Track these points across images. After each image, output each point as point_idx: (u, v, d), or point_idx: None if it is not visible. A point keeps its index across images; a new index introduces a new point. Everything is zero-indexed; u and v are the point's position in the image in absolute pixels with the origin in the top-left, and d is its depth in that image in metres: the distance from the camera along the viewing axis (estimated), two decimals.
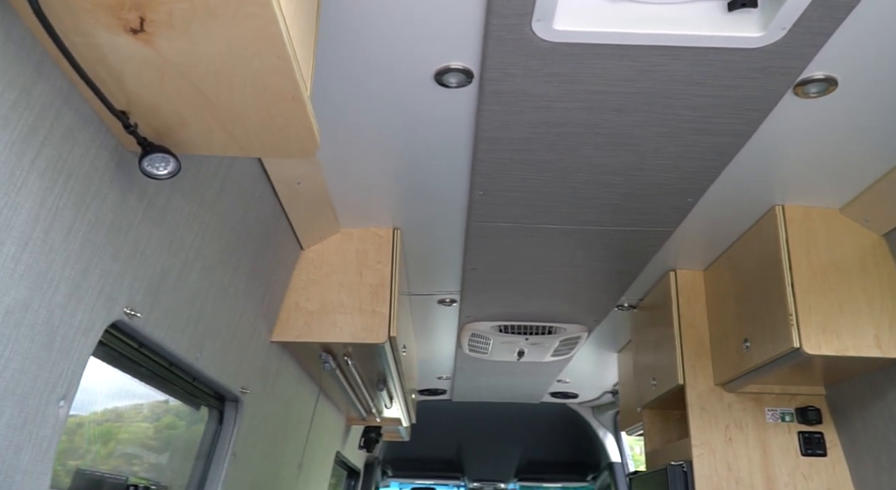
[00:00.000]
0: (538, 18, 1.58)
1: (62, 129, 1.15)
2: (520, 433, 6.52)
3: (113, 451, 1.95)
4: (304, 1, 1.18)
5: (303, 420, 3.34)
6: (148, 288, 1.57)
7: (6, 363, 1.13)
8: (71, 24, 1.01)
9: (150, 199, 1.50)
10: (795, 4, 1.50)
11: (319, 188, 2.34)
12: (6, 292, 1.10)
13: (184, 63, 1.10)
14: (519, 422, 6.41)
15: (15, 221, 1.09)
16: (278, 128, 1.27)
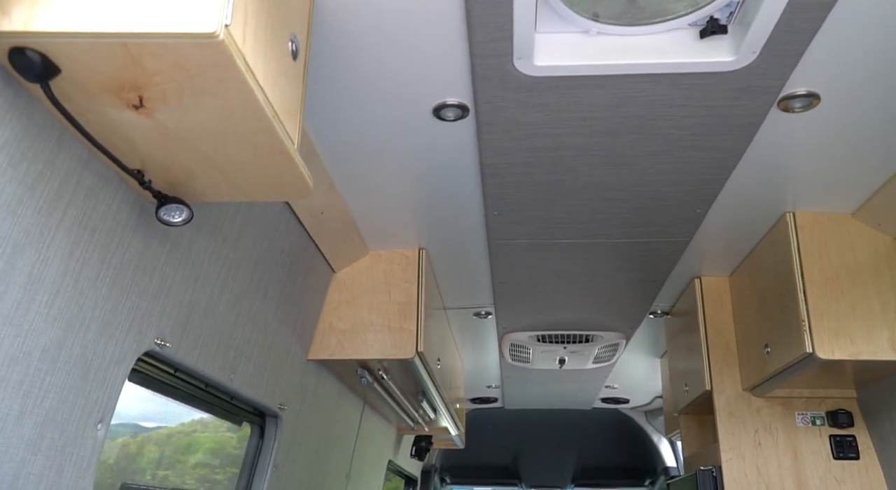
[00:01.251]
0: (518, 57, 1.69)
1: (84, 191, 1.33)
2: (574, 439, 6.57)
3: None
4: (285, 64, 1.32)
5: (348, 431, 3.51)
6: (177, 320, 1.75)
7: (45, 394, 1.31)
8: (82, 105, 1.19)
9: (173, 242, 1.68)
10: (761, 30, 1.57)
11: (343, 216, 2.50)
12: (42, 334, 1.28)
13: (182, 129, 1.26)
14: (573, 428, 6.46)
15: (46, 274, 1.27)
16: (273, 177, 1.42)
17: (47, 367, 1.31)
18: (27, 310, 1.24)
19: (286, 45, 1.33)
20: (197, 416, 2.44)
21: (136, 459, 2.21)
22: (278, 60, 1.28)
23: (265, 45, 1.21)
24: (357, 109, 1.93)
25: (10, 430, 1.24)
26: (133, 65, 1.08)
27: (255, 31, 1.16)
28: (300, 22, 1.42)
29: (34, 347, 1.27)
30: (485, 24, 1.58)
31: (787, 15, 1.52)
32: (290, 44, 1.35)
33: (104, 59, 1.07)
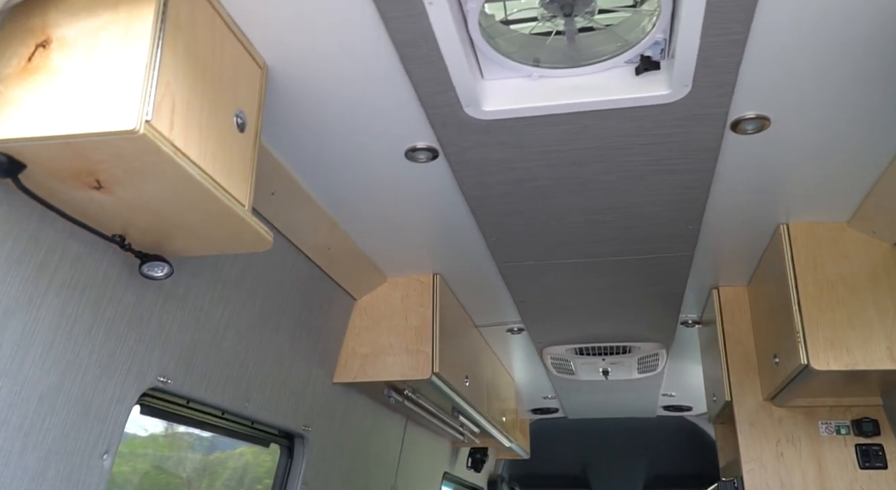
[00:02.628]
0: (466, 105, 1.82)
1: (71, 258, 1.56)
2: (643, 448, 6.54)
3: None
4: (229, 138, 1.51)
5: (390, 447, 3.68)
6: (179, 358, 1.97)
7: (47, 432, 1.54)
8: (53, 189, 1.40)
9: (168, 290, 1.89)
10: (685, 66, 1.65)
11: (352, 250, 2.68)
12: (38, 381, 1.51)
13: (142, 201, 1.46)
14: (640, 436, 6.44)
15: (38, 331, 1.49)
16: (233, 234, 1.61)
17: (46, 409, 1.53)
18: (22, 362, 1.46)
19: (231, 120, 1.52)
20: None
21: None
22: (219, 136, 1.47)
23: (200, 127, 1.40)
24: (339, 158, 2.10)
25: (14, 464, 1.47)
26: (80, 157, 1.29)
27: (185, 116, 1.35)
28: (249, 98, 1.60)
29: (32, 393, 1.49)
30: (425, 81, 1.72)
31: (703, 52, 1.59)
32: (235, 118, 1.53)
33: (56, 154, 1.28)
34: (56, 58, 1.27)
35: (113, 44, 1.26)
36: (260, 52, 1.65)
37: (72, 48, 1.27)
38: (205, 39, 1.44)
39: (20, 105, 1.25)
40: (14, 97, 1.26)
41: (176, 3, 1.35)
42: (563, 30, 1.74)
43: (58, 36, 1.29)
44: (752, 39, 1.59)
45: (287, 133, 1.97)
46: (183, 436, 2.72)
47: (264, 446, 2.70)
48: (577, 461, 6.80)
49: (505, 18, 1.80)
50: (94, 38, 1.27)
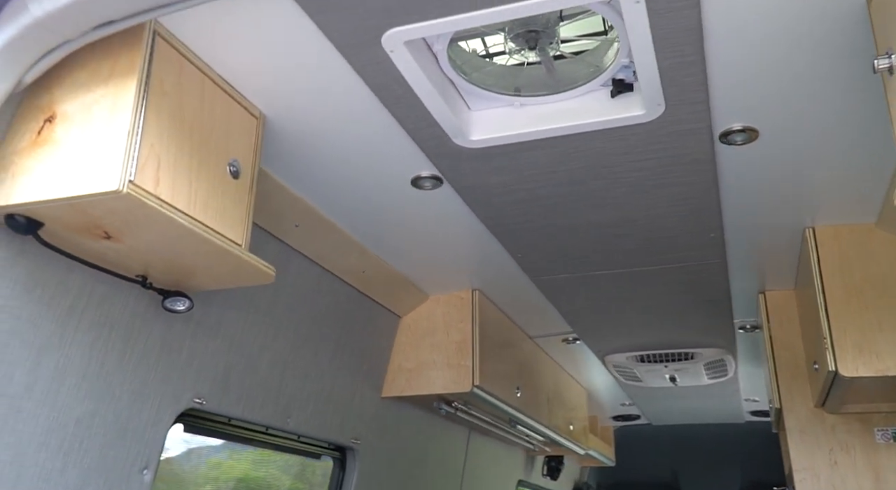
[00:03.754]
0: (454, 136, 1.93)
1: (98, 298, 1.77)
2: (736, 454, 6.35)
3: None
4: (222, 186, 1.67)
5: (453, 456, 3.80)
6: (214, 381, 2.16)
7: (85, 452, 1.75)
8: (72, 241, 1.61)
9: (198, 320, 2.09)
10: (652, 86, 1.69)
11: (387, 272, 2.82)
12: (74, 408, 1.72)
13: (148, 247, 1.65)
14: (731, 442, 6.26)
15: (71, 364, 1.71)
16: (236, 270, 1.78)
17: (83, 432, 1.75)
18: (57, 392, 1.68)
19: (224, 169, 1.69)
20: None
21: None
22: (211, 185, 1.64)
23: (189, 179, 1.57)
24: (352, 190, 2.24)
25: (55, 481, 1.68)
26: (84, 214, 1.48)
27: (173, 172, 1.52)
28: (244, 146, 1.77)
29: (69, 419, 1.71)
30: (408, 117, 1.84)
31: (665, 74, 1.63)
32: (228, 167, 1.70)
33: (64, 213, 1.48)
34: (59, 130, 1.48)
35: (103, 115, 1.46)
36: (255, 104, 1.82)
37: (71, 121, 1.48)
38: (192, 101, 1.61)
39: (32, 173, 1.46)
40: (27, 166, 1.47)
41: (160, 74, 1.53)
42: (535, 61, 1.82)
43: (61, 111, 1.50)
44: (714, 58, 1.61)
45: (299, 171, 2.13)
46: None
47: (315, 459, 2.88)
48: (666, 468, 6.67)
49: (486, 51, 1.90)
50: (89, 111, 1.47)
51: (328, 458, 2.93)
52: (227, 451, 2.91)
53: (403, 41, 1.56)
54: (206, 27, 1.57)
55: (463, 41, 1.84)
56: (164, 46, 1.55)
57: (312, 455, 2.85)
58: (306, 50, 1.62)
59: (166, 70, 1.55)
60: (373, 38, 1.55)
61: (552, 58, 1.83)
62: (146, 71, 1.49)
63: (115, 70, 1.49)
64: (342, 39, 1.56)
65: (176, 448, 3.06)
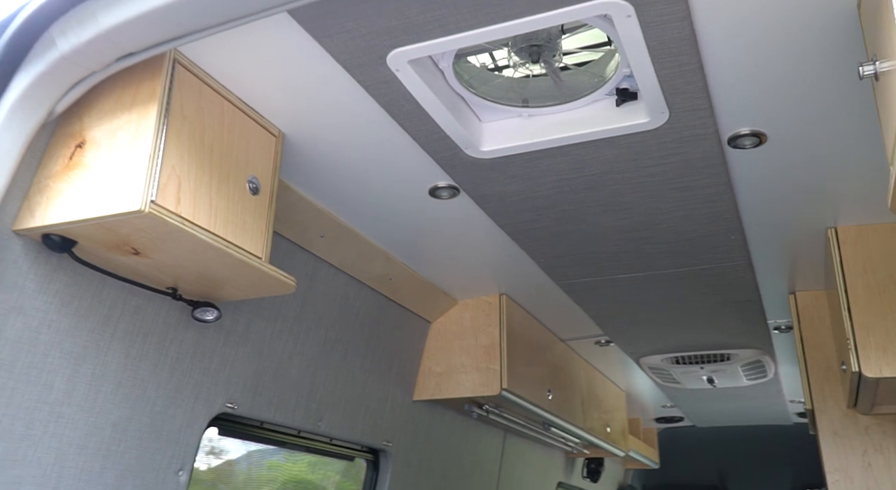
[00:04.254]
0: (465, 147, 1.99)
1: (132, 309, 1.88)
2: (784, 456, 6.25)
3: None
4: (241, 202, 1.77)
5: (488, 459, 3.85)
6: (245, 386, 2.27)
7: (122, 455, 1.87)
8: (104, 258, 1.73)
9: (228, 328, 2.19)
10: (654, 95, 1.73)
11: (414, 278, 2.90)
12: (111, 413, 1.84)
13: (174, 261, 1.76)
14: (780, 444, 6.17)
15: (107, 372, 1.82)
16: (258, 281, 1.87)
17: (120, 435, 1.86)
18: (95, 399, 1.80)
19: (243, 186, 1.78)
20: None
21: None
22: (231, 201, 1.73)
23: (210, 197, 1.67)
24: (373, 200, 2.32)
25: (95, 482, 1.80)
26: (112, 232, 1.59)
27: (193, 191, 1.62)
28: (263, 164, 1.87)
29: (106, 423, 1.83)
30: (419, 131, 1.91)
31: (665, 82, 1.67)
32: (248, 184, 1.80)
33: (95, 232, 1.59)
34: (88, 155, 1.59)
35: (127, 140, 1.56)
36: (273, 122, 1.91)
37: (98, 146, 1.59)
38: (212, 123, 1.71)
39: (64, 195, 1.58)
40: (60, 189, 1.59)
41: (180, 99, 1.63)
42: (540, 73, 1.87)
43: (90, 137, 1.61)
44: (712, 66, 1.64)
45: (321, 183, 2.22)
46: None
47: (349, 461, 2.96)
48: (712, 470, 6.60)
49: (495, 65, 1.95)
50: (114, 136, 1.58)
51: (362, 461, 3.02)
52: (284, 454, 3.03)
53: (407, 61, 1.63)
54: (224, 53, 1.67)
55: (473, 56, 1.91)
56: (184, 73, 1.65)
57: (346, 457, 2.94)
58: (318, 71, 1.70)
59: (186, 95, 1.65)
60: (378, 58, 1.62)
61: (558, 69, 1.88)
62: (166, 97, 1.59)
63: (138, 97, 1.59)
64: (349, 61, 1.64)
65: (236, 450, 3.21)
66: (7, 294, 1.58)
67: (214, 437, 2.98)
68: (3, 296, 1.57)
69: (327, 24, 1.53)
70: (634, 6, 1.45)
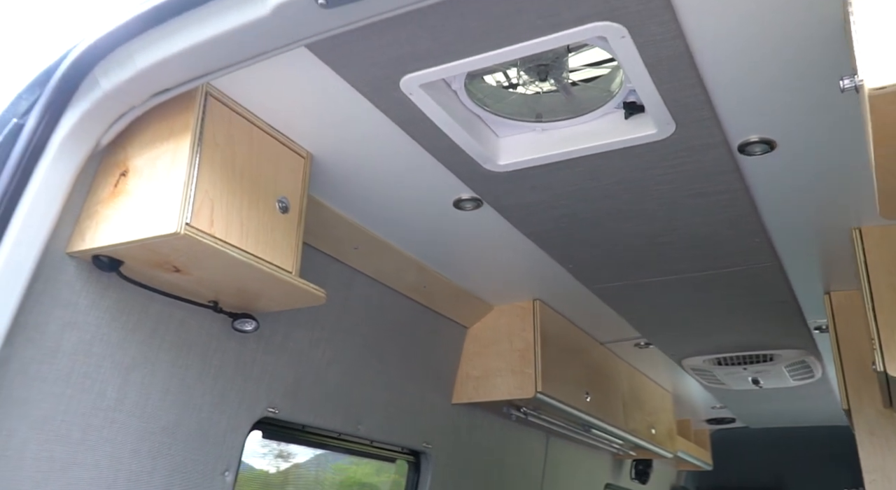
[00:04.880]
0: (483, 162, 2.08)
1: (177, 322, 2.04)
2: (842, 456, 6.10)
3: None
4: (272, 221, 1.90)
5: (531, 460, 3.92)
6: (285, 392, 2.40)
7: (171, 456, 2.02)
8: (149, 275, 1.88)
9: (268, 338, 2.34)
10: (658, 108, 1.79)
11: (448, 286, 3.00)
12: (160, 418, 1.99)
13: (212, 277, 1.90)
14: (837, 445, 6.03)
15: (155, 380, 1.98)
16: (290, 294, 2.01)
17: (169, 439, 2.02)
18: (145, 405, 1.95)
19: (273, 206, 1.92)
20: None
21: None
22: (261, 221, 1.87)
23: (241, 217, 1.81)
24: (400, 213, 2.43)
25: (146, 482, 1.96)
26: (154, 252, 1.74)
27: (226, 212, 1.76)
28: (292, 184, 2.00)
29: (156, 427, 1.98)
30: (437, 149, 2.01)
31: (667, 96, 1.73)
32: (277, 204, 1.93)
33: (138, 252, 1.75)
34: (130, 182, 1.75)
35: (164, 168, 1.71)
36: (301, 144, 2.05)
37: (140, 174, 1.74)
38: (242, 149, 1.85)
39: (111, 220, 1.73)
40: (107, 215, 1.74)
41: (212, 129, 1.77)
42: (551, 89, 1.96)
43: (132, 166, 1.76)
44: (711, 79, 1.70)
45: (350, 199, 2.34)
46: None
47: (390, 462, 3.08)
48: (768, 472, 6.50)
49: (509, 82, 2.04)
50: (154, 165, 1.73)
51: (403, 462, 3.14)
52: (350, 457, 3.17)
53: (419, 84, 1.73)
54: (252, 84, 1.80)
55: (488, 75, 2.00)
56: (215, 104, 1.79)
57: (387, 459, 3.06)
58: (339, 96, 1.82)
59: (217, 125, 1.79)
60: (392, 84, 1.73)
61: (569, 85, 1.96)
62: (199, 127, 1.73)
63: (174, 128, 1.74)
64: (366, 87, 1.76)
65: (303, 454, 3.37)
66: (63, 311, 1.75)
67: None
68: (59, 312, 1.74)
69: (342, 56, 1.64)
70: (628, 28, 1.53)
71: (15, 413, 1.65)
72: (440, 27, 1.55)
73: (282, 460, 3.32)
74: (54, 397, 1.73)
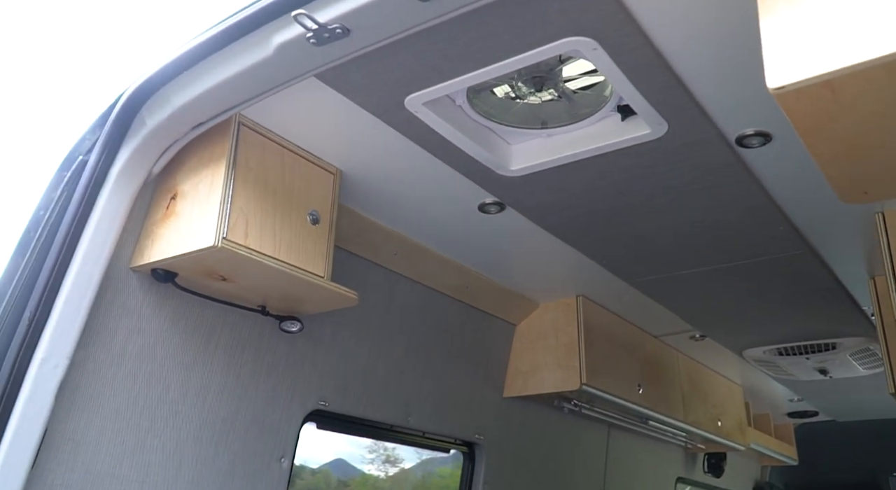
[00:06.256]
0: (496, 168, 2.25)
1: (230, 325, 2.30)
2: None
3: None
4: (303, 231, 2.13)
5: (591, 453, 4.03)
6: (335, 386, 2.64)
7: (231, 443, 2.28)
8: (201, 284, 2.15)
9: (317, 338, 2.58)
10: (646, 110, 1.92)
11: (491, 286, 3.17)
12: (220, 410, 2.26)
13: (255, 285, 2.15)
14: None
15: (214, 376, 2.25)
16: (326, 297, 2.23)
17: (229, 428, 2.28)
18: (205, 398, 2.22)
19: (304, 219, 2.15)
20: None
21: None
22: (293, 232, 2.10)
23: (274, 230, 2.05)
24: (431, 219, 2.62)
25: (209, 465, 2.22)
26: (200, 264, 2.01)
27: (259, 226, 2.01)
28: (322, 198, 2.23)
29: (216, 418, 2.25)
30: (451, 159, 2.20)
31: (652, 98, 1.85)
32: (308, 216, 2.16)
33: (188, 264, 2.01)
34: (179, 205, 2.02)
35: (205, 191, 1.97)
36: (330, 162, 2.27)
37: (185, 197, 2.01)
38: (274, 169, 2.10)
39: (164, 238, 2.01)
40: (161, 234, 2.02)
41: (245, 154, 2.02)
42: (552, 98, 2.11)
43: (180, 190, 2.04)
44: (691, 79, 1.81)
45: (383, 208, 2.55)
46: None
47: (444, 453, 3.28)
48: (862, 467, 6.28)
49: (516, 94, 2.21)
50: (196, 189, 1.99)
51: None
52: (454, 462, 3.39)
53: (421, 103, 1.93)
54: (279, 112, 2.04)
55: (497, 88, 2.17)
56: (248, 132, 2.04)
57: (440, 449, 3.25)
58: (357, 117, 2.03)
59: (250, 150, 2.04)
60: (397, 104, 1.93)
61: (570, 92, 2.10)
62: (233, 153, 1.99)
63: (213, 156, 2.00)
64: (374, 109, 1.97)
65: (409, 458, 3.63)
66: (129, 318, 2.04)
67: (389, 445, 3.42)
68: (125, 320, 2.03)
69: (349, 82, 1.86)
70: (598, 40, 1.67)
71: (91, 406, 1.95)
72: (428, 53, 1.73)
73: (389, 466, 3.58)
74: (124, 393, 2.02)
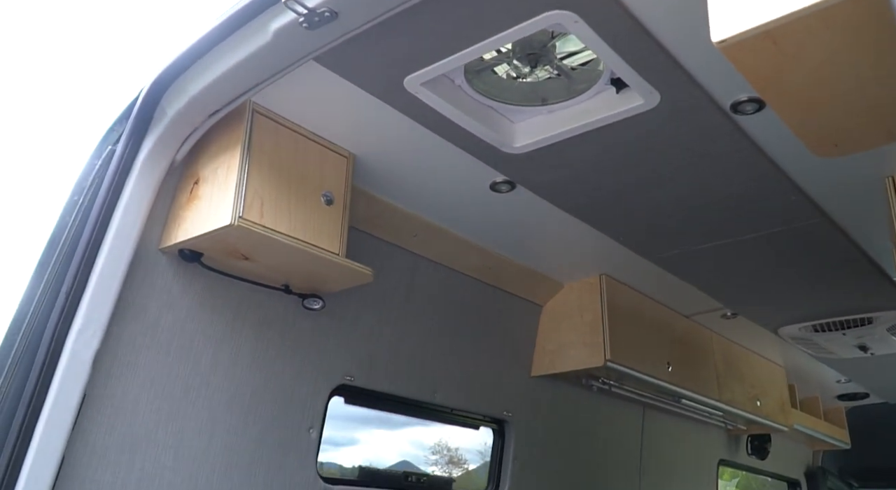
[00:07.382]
0: (501, 146, 2.34)
1: (256, 303, 2.45)
2: None
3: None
4: (318, 211, 2.26)
5: (626, 432, 4.07)
6: (361, 362, 2.76)
7: (261, 414, 2.43)
8: (226, 264, 2.30)
9: (341, 315, 2.71)
10: (636, 79, 1.98)
11: (512, 266, 3.25)
12: (249, 382, 2.40)
13: (277, 263, 2.29)
14: None
15: (242, 351, 2.40)
16: (342, 273, 2.36)
17: (258, 399, 2.43)
18: (234, 371, 2.37)
19: (318, 199, 2.28)
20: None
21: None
22: (308, 212, 2.23)
23: (289, 209, 2.18)
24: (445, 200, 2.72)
25: (241, 433, 2.37)
26: (222, 243, 2.15)
27: (274, 206, 2.14)
28: (336, 180, 2.35)
29: (246, 390, 2.40)
30: (456, 138, 2.30)
31: (639, 66, 1.92)
32: (322, 197, 2.29)
33: (211, 244, 2.17)
34: (201, 189, 2.17)
35: (223, 175, 2.12)
36: (343, 146, 2.40)
37: (207, 181, 2.16)
38: (287, 153, 2.23)
39: (188, 220, 2.17)
40: (186, 216, 2.18)
41: (259, 139, 2.16)
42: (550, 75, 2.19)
43: (202, 175, 2.19)
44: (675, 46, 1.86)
45: (399, 190, 2.66)
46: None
47: (474, 429, 3.37)
48: None
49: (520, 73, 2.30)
50: (215, 173, 2.15)
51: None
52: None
53: (420, 83, 2.03)
54: (290, 98, 2.18)
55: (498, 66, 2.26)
56: (261, 119, 2.19)
57: (469, 425, 3.34)
58: (362, 100, 2.15)
59: (264, 135, 2.18)
60: (397, 85, 2.05)
61: (568, 68, 2.18)
62: (248, 139, 2.13)
63: (230, 142, 2.15)
64: (378, 91, 2.08)
65: (473, 460, 3.75)
66: (160, 295, 2.20)
67: (452, 446, 3.60)
68: (157, 297, 2.20)
69: (347, 65, 1.98)
70: (578, 13, 1.75)
71: (127, 374, 2.11)
72: (419, 33, 1.84)
73: (454, 466, 3.72)
74: (158, 363, 2.18)
